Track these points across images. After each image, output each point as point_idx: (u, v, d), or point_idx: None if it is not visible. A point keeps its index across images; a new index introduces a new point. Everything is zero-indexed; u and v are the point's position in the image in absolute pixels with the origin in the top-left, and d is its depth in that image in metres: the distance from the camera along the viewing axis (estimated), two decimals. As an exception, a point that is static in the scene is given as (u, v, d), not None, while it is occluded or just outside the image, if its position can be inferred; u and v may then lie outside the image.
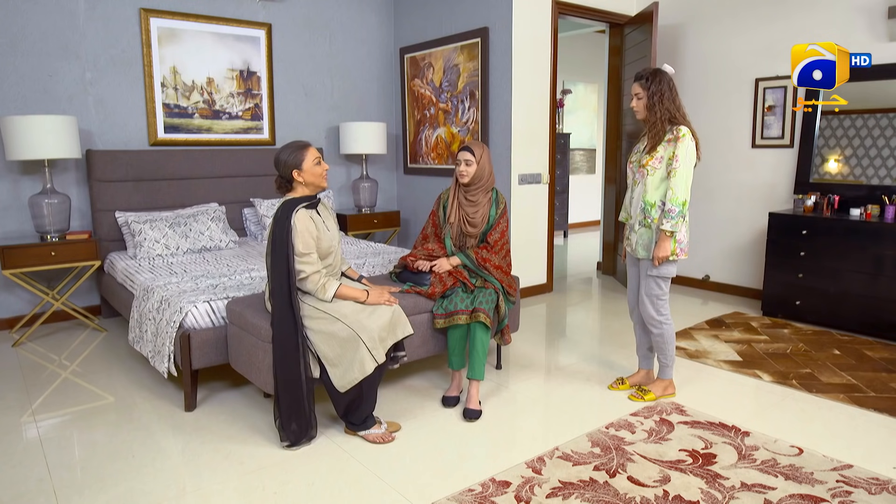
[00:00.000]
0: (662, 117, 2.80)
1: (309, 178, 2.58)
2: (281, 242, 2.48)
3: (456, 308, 2.95)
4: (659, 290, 2.92)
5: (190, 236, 4.20)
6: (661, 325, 2.95)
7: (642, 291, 2.96)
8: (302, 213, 2.52)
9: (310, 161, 2.56)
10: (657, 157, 2.81)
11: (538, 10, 4.78)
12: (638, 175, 2.91)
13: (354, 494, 2.22)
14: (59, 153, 3.87)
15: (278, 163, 2.58)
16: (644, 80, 2.84)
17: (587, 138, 9.21)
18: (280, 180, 2.62)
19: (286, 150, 2.57)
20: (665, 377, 3.06)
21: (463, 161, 3.04)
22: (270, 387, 2.60)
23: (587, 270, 6.27)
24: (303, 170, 2.56)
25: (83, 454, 2.53)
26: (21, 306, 4.27)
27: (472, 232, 3.11)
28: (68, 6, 4.22)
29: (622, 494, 2.18)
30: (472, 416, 2.82)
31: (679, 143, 2.75)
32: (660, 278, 2.90)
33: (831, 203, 4.31)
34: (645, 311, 2.96)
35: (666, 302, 2.95)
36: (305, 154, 2.56)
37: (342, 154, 5.55)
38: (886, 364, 3.46)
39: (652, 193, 2.83)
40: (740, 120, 4.93)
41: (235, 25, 4.89)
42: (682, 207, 2.74)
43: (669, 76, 2.84)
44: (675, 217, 2.74)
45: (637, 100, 2.88)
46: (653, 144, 2.83)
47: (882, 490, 2.21)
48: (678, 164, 2.74)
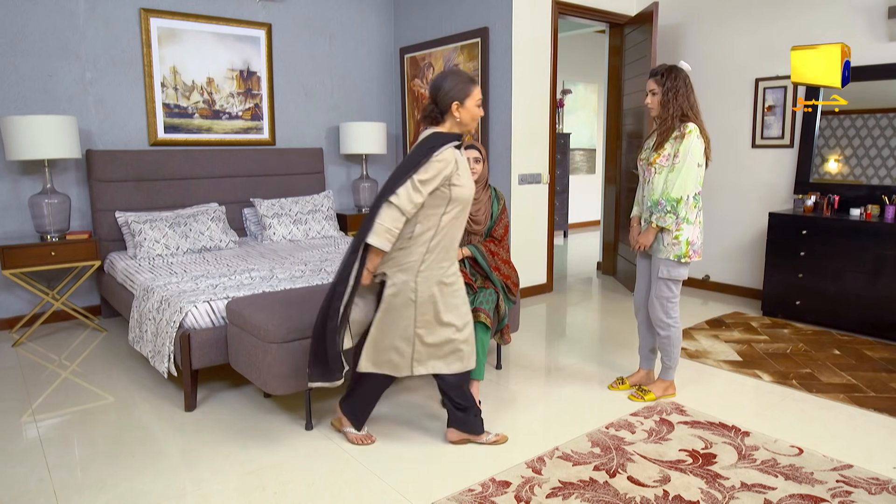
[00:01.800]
0: (674, 114, 2.78)
1: (466, 117, 2.31)
2: (404, 169, 2.22)
3: None
4: (669, 292, 2.90)
5: (190, 236, 4.20)
6: (670, 327, 2.93)
7: (652, 293, 2.94)
8: (453, 152, 2.27)
9: (474, 99, 2.31)
10: (664, 155, 2.80)
11: (538, 10, 4.78)
12: (647, 173, 2.90)
13: (354, 494, 2.22)
14: (59, 153, 3.87)
15: (438, 90, 2.29)
16: (659, 77, 2.82)
17: (587, 138, 9.21)
18: (433, 109, 2.33)
19: (452, 79, 2.29)
20: (667, 378, 3.05)
21: (472, 159, 3.01)
22: (270, 387, 2.61)
23: (587, 270, 6.27)
24: (464, 105, 2.29)
25: (83, 454, 2.53)
26: (21, 306, 4.27)
27: (477, 229, 3.11)
28: (68, 6, 4.22)
29: (622, 494, 2.18)
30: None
31: (684, 141, 2.73)
32: (671, 281, 2.88)
33: (831, 203, 4.31)
34: (654, 312, 2.95)
35: (676, 305, 2.93)
36: (472, 90, 2.30)
37: (342, 154, 5.55)
38: (886, 364, 3.46)
39: (658, 191, 2.83)
40: (740, 120, 4.93)
41: (235, 25, 4.89)
42: (674, 204, 2.73)
43: (685, 73, 2.82)
44: (662, 211, 2.75)
45: (652, 96, 2.85)
46: (661, 141, 2.81)
47: (882, 490, 2.21)
48: (679, 160, 2.74)
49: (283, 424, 2.77)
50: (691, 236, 2.80)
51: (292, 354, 2.59)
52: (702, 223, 2.86)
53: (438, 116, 2.34)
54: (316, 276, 3.45)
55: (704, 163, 2.79)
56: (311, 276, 3.44)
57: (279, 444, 2.58)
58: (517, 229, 4.91)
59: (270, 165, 5.05)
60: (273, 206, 4.80)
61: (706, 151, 2.79)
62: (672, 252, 2.81)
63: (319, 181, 5.34)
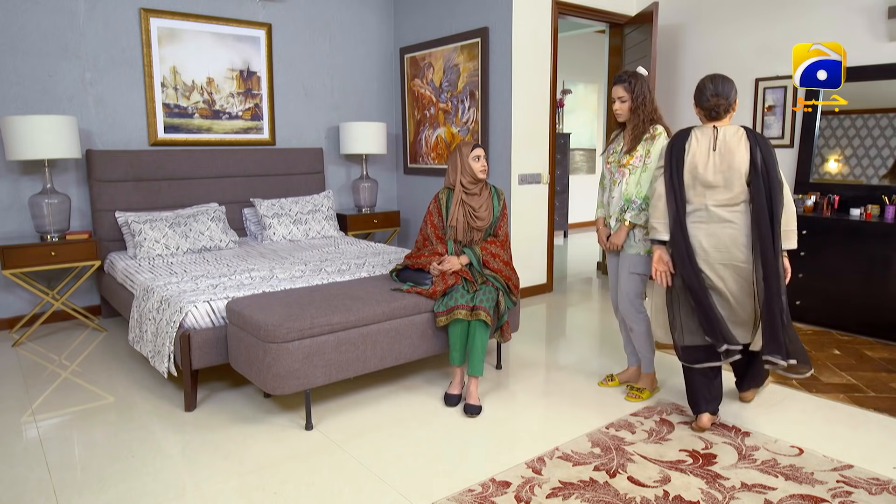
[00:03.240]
0: (645, 118, 2.89)
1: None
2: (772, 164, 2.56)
3: (456, 303, 2.97)
4: (641, 286, 2.98)
5: (190, 236, 4.20)
6: (642, 321, 2.99)
7: (621, 289, 3.00)
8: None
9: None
10: (637, 157, 2.88)
11: (538, 10, 4.78)
12: (618, 175, 2.96)
13: (354, 494, 2.22)
14: (59, 153, 3.87)
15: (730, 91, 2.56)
16: (628, 84, 2.90)
17: (587, 138, 9.21)
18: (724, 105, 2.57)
19: (730, 83, 2.58)
20: (649, 371, 3.08)
21: (482, 157, 3.16)
22: (270, 387, 2.61)
23: (587, 270, 6.27)
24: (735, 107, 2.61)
25: (83, 454, 2.53)
26: (21, 306, 4.27)
27: (479, 226, 3.17)
28: (68, 6, 4.22)
29: (622, 495, 2.18)
30: (472, 411, 2.84)
31: (655, 142, 2.84)
32: (642, 275, 2.96)
33: (831, 203, 4.31)
34: (625, 307, 3.00)
35: (643, 300, 3.00)
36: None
37: (342, 154, 5.55)
38: (886, 364, 3.46)
39: (633, 191, 2.90)
40: (740, 120, 4.93)
41: (235, 25, 4.89)
42: (646, 200, 2.82)
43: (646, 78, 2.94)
44: (636, 209, 2.85)
45: (621, 102, 2.93)
46: (633, 144, 2.90)
47: (882, 490, 2.21)
48: (650, 160, 2.84)
49: (283, 424, 2.77)
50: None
51: (292, 354, 2.59)
52: None
53: (723, 114, 2.60)
54: (316, 276, 3.45)
55: None
56: (311, 276, 3.44)
57: (279, 444, 2.58)
58: (517, 229, 4.91)
59: (270, 165, 5.05)
60: (273, 206, 4.80)
61: None
62: (643, 247, 2.90)
63: (319, 181, 5.34)
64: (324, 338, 2.67)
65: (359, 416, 2.86)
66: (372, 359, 2.85)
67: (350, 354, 2.76)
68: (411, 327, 2.96)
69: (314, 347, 2.64)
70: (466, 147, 3.20)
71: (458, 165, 3.19)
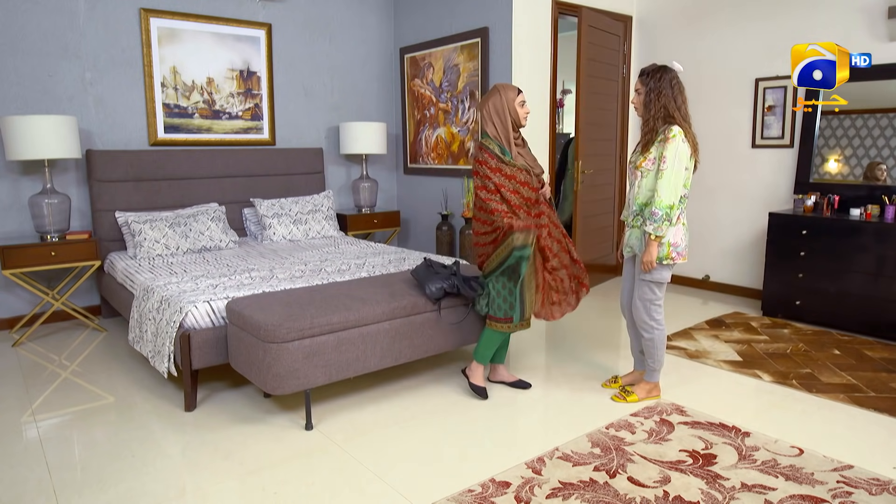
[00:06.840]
0: (657, 115, 2.72)
1: None
2: None
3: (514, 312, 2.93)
4: (652, 294, 2.87)
5: (190, 236, 4.20)
6: (654, 329, 2.90)
7: (636, 295, 2.92)
8: None
9: None
10: (650, 159, 2.75)
11: (538, 10, 4.78)
12: (632, 177, 2.86)
13: (354, 494, 2.22)
14: (59, 153, 3.87)
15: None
16: (645, 76, 2.78)
17: (587, 138, 9.19)
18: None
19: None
20: (651, 380, 3.01)
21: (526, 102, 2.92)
22: (270, 387, 2.61)
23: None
24: None
25: (83, 454, 2.53)
26: (21, 306, 4.27)
27: (538, 172, 2.97)
28: (68, 6, 4.22)
29: (622, 495, 2.18)
30: (523, 385, 3.19)
31: (668, 144, 2.66)
32: (653, 283, 2.85)
33: (831, 203, 4.31)
34: (637, 314, 2.92)
35: (660, 307, 2.89)
36: None
37: (342, 154, 5.55)
38: (886, 364, 3.46)
39: (644, 195, 2.79)
40: (740, 120, 4.93)
41: (235, 25, 4.89)
42: (668, 211, 2.67)
43: (674, 74, 2.78)
44: (658, 220, 2.67)
45: (637, 95, 2.82)
46: (645, 144, 2.77)
47: (882, 490, 2.21)
48: (665, 165, 2.66)
49: (283, 424, 2.77)
50: (674, 238, 2.75)
51: (292, 354, 2.59)
52: (686, 225, 2.81)
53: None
54: (316, 276, 3.45)
55: (692, 166, 2.75)
56: (310, 276, 3.44)
57: (279, 444, 2.58)
58: (517, 229, 4.90)
59: (270, 165, 5.05)
60: (273, 206, 4.80)
61: (693, 155, 2.74)
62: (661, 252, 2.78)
63: (319, 181, 5.34)
64: (324, 338, 2.67)
65: (359, 416, 2.86)
66: (372, 359, 2.85)
67: (350, 354, 2.76)
68: (411, 327, 2.96)
69: (314, 347, 2.64)
70: (511, 91, 2.84)
71: (504, 111, 2.84)
